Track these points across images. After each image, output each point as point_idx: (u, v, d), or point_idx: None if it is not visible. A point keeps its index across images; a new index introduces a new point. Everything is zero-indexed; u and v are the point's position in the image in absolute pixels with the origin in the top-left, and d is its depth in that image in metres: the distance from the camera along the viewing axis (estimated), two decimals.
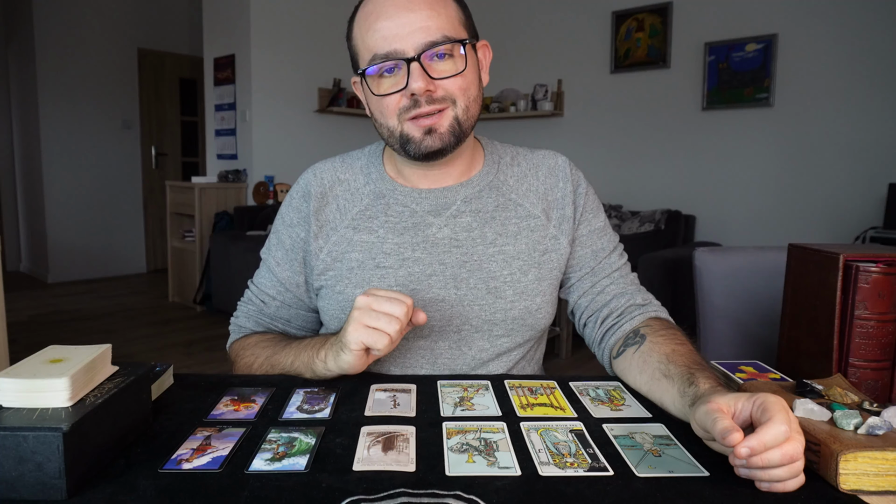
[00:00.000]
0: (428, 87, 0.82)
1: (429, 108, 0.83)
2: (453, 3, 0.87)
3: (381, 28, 0.82)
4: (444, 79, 0.83)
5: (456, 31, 0.84)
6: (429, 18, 0.81)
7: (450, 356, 0.92)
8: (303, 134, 5.18)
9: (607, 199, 4.79)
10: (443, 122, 0.85)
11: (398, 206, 0.94)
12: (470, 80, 0.86)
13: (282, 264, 0.98)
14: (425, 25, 0.81)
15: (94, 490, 0.55)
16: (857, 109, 3.73)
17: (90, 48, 5.76)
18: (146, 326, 4.26)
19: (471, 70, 0.86)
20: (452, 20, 0.84)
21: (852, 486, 0.56)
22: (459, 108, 0.85)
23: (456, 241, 0.92)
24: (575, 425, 0.70)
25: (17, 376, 0.57)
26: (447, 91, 0.84)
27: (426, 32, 0.81)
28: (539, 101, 5.04)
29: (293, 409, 0.74)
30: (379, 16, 0.82)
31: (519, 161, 1.00)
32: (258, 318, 1.01)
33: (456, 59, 0.84)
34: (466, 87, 0.85)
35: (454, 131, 0.85)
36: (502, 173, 0.97)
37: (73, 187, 5.75)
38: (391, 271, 0.91)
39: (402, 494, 0.54)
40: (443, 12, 0.83)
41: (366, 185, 0.96)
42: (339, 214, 0.95)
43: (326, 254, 0.94)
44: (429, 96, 0.83)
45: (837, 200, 3.84)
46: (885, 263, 0.74)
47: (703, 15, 4.29)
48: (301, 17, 5.04)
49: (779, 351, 0.89)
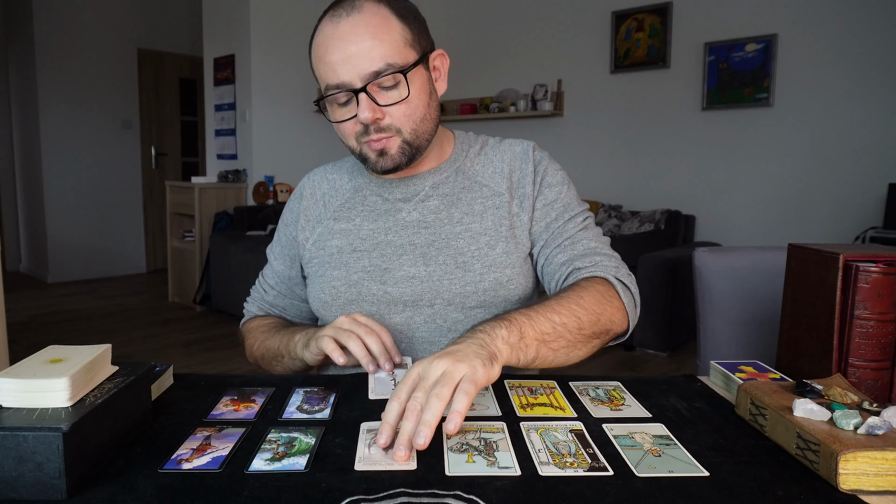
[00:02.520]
0: (375, 116, 0.88)
1: (376, 136, 0.90)
2: (398, 24, 0.88)
3: (330, 61, 0.87)
4: (390, 105, 0.88)
5: (401, 54, 0.87)
6: (371, 49, 0.85)
7: (426, 330, 0.98)
8: (303, 134, 5.18)
9: (607, 199, 4.79)
10: (392, 146, 0.91)
11: (373, 197, 1.03)
12: (415, 105, 0.91)
13: (279, 259, 1.12)
14: (369, 56, 0.85)
15: (94, 490, 0.55)
16: (857, 109, 3.73)
17: (90, 48, 5.76)
18: (146, 326, 4.26)
19: (416, 94, 0.90)
20: (396, 44, 0.87)
21: (852, 486, 0.56)
22: (406, 133, 0.91)
23: (424, 222, 0.99)
24: (575, 425, 0.70)
25: (17, 376, 0.57)
26: (393, 119, 0.89)
27: (370, 62, 0.85)
28: (539, 101, 5.04)
29: (293, 408, 0.74)
30: (327, 48, 0.87)
31: (486, 150, 1.05)
32: (260, 303, 1.15)
33: (400, 87, 0.88)
34: (411, 113, 0.90)
35: (405, 152, 0.92)
36: (469, 160, 1.04)
37: (73, 187, 5.75)
38: (366, 253, 1.00)
39: (402, 494, 0.54)
40: (385, 38, 0.86)
41: (349, 181, 1.07)
42: (324, 209, 1.06)
43: (312, 244, 1.05)
44: (377, 125, 0.89)
45: (837, 200, 3.84)
46: (885, 263, 0.74)
47: (702, 15, 4.29)
48: (301, 17, 5.04)
49: (779, 351, 0.89)
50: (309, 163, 5.05)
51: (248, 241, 4.16)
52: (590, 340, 0.84)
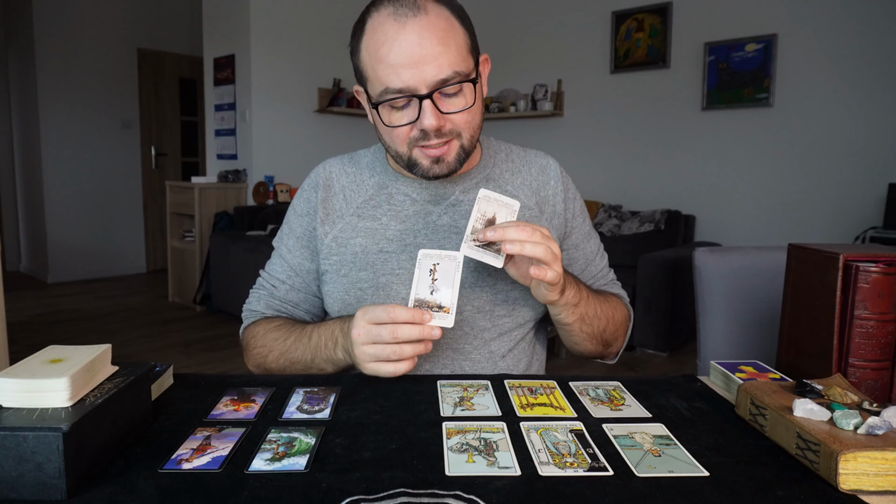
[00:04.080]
0: (439, 124, 0.85)
1: (436, 142, 0.87)
2: (461, 30, 0.86)
3: (394, 63, 0.82)
4: (452, 113, 0.86)
5: (465, 62, 0.85)
6: (440, 55, 0.82)
7: (452, 336, 0.96)
8: (303, 134, 5.18)
9: (607, 199, 4.79)
10: (450, 152, 0.90)
11: (400, 196, 0.99)
12: (475, 111, 0.90)
13: (293, 251, 1.05)
14: (437, 63, 0.82)
15: (94, 490, 0.55)
16: (857, 109, 3.73)
17: (90, 48, 5.76)
18: (146, 326, 4.26)
19: (478, 102, 0.90)
20: (462, 51, 0.85)
21: (852, 486, 0.56)
22: (465, 138, 0.90)
23: (455, 227, 0.97)
24: (575, 425, 0.70)
25: (17, 376, 0.57)
26: (455, 125, 0.88)
27: (438, 70, 0.82)
28: (539, 101, 5.04)
29: (293, 408, 0.74)
30: (390, 49, 0.82)
31: (512, 158, 1.06)
32: (268, 301, 1.06)
33: (465, 94, 0.87)
34: (472, 119, 0.89)
35: (460, 158, 0.91)
36: (497, 167, 1.04)
37: (73, 187, 5.75)
38: (394, 255, 0.96)
39: (402, 494, 0.54)
40: (452, 45, 0.84)
41: (370, 177, 1.02)
42: (345, 203, 1.01)
43: (332, 239, 1.00)
44: (438, 131, 0.86)
45: (837, 200, 3.84)
46: (885, 263, 0.74)
47: (702, 15, 4.29)
48: (301, 17, 5.04)
49: (779, 351, 0.89)
50: (309, 163, 5.05)
51: (248, 241, 4.16)
52: (599, 343, 0.99)
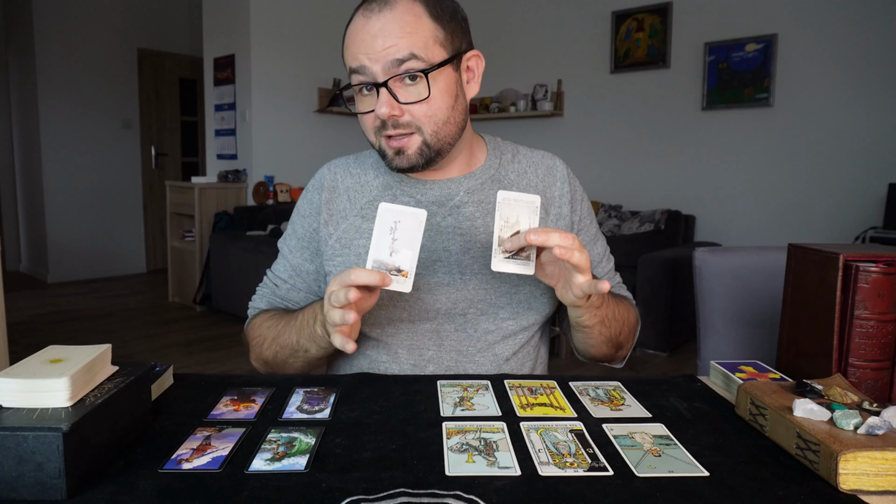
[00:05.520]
0: (392, 112, 0.86)
1: (394, 132, 0.88)
2: (429, 22, 0.86)
3: (355, 52, 0.86)
4: (410, 104, 0.86)
5: (429, 51, 0.85)
6: (399, 39, 0.84)
7: (456, 338, 0.96)
8: (303, 134, 5.18)
9: (607, 199, 4.79)
10: (411, 145, 0.89)
11: (405, 197, 0.98)
12: (437, 106, 0.88)
13: (294, 252, 1.05)
14: (395, 45, 0.83)
15: (94, 490, 0.55)
16: (857, 109, 3.73)
17: (90, 48, 5.76)
18: (146, 326, 4.26)
19: (439, 95, 0.87)
20: (426, 40, 0.85)
21: (852, 486, 0.56)
22: (426, 133, 0.88)
23: (459, 229, 0.96)
24: (575, 425, 0.70)
25: (17, 376, 0.57)
26: (413, 117, 0.87)
27: (396, 50, 0.84)
28: (539, 101, 5.04)
29: (293, 409, 0.74)
30: (353, 39, 0.87)
31: (519, 158, 1.04)
32: (271, 298, 1.08)
33: (420, 84, 0.86)
34: (433, 114, 0.88)
35: (423, 153, 0.90)
36: (503, 168, 1.02)
37: (73, 187, 5.75)
38: None
39: (402, 494, 0.54)
40: (416, 33, 0.84)
41: (375, 178, 1.02)
42: (349, 204, 1.01)
43: (335, 240, 0.99)
44: (395, 120, 0.87)
45: (837, 200, 3.84)
46: (885, 263, 0.74)
47: (702, 15, 4.29)
48: (301, 17, 5.04)
49: (779, 351, 0.89)
50: (309, 163, 5.06)
51: (248, 241, 4.16)
52: (613, 347, 0.98)
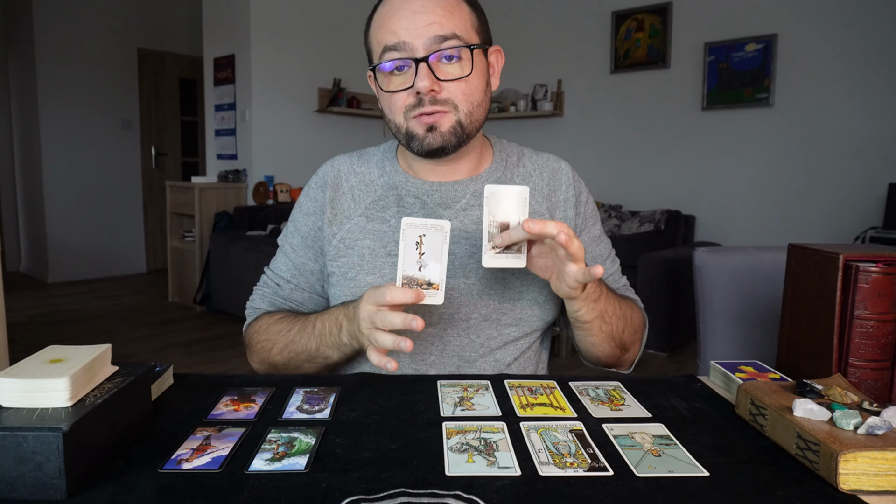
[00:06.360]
0: (432, 87, 0.85)
1: (431, 108, 0.86)
2: (467, 7, 0.89)
3: (394, 27, 0.85)
4: (449, 81, 0.86)
5: (467, 34, 0.87)
6: (442, 17, 0.85)
7: (458, 343, 0.95)
8: (303, 134, 5.18)
9: (607, 199, 4.79)
10: (444, 122, 0.88)
11: (410, 198, 0.97)
12: (475, 86, 0.88)
13: (297, 250, 1.03)
14: (438, 22, 0.84)
15: (94, 490, 0.55)
16: (857, 109, 3.73)
17: (90, 48, 5.76)
18: (146, 326, 4.26)
19: (476, 75, 0.88)
20: (465, 23, 0.87)
21: (852, 486, 0.56)
22: (462, 112, 0.88)
23: (465, 232, 0.95)
24: (575, 425, 0.70)
25: (17, 376, 0.57)
26: (451, 94, 0.87)
27: (439, 27, 0.84)
28: (539, 101, 5.04)
29: (293, 408, 0.74)
30: (393, 15, 0.86)
31: (524, 162, 1.03)
32: (273, 299, 1.04)
33: (463, 62, 0.87)
34: (470, 93, 0.88)
35: (455, 132, 0.89)
36: (509, 171, 1.01)
37: (73, 187, 5.75)
38: None
39: (402, 494, 0.54)
40: (456, 14, 0.86)
41: (380, 177, 1.00)
42: (353, 203, 0.99)
43: (339, 240, 0.98)
44: (432, 97, 0.86)
45: (837, 200, 3.84)
46: (885, 263, 0.74)
47: (702, 15, 4.29)
48: (301, 17, 5.04)
49: (779, 351, 0.89)
50: (309, 163, 5.05)
51: (248, 241, 4.15)
52: (617, 346, 0.96)
